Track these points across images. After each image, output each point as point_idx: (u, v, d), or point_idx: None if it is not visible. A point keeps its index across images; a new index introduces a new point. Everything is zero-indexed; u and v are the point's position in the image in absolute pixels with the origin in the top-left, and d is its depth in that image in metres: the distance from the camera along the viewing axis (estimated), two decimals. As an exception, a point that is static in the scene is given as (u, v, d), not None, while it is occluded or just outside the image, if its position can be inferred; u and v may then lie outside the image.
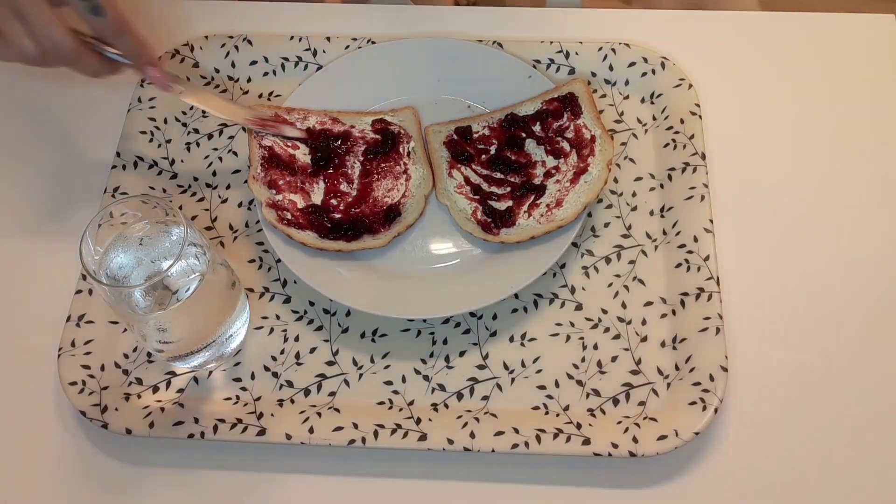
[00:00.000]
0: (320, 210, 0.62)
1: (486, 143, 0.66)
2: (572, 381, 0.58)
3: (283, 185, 0.63)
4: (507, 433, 0.55)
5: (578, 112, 0.65)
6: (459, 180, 0.64)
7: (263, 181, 0.62)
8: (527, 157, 0.64)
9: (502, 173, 0.64)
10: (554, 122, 0.65)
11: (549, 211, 0.61)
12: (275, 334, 0.60)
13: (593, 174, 0.62)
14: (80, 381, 0.57)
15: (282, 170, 0.63)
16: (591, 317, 0.60)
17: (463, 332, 0.60)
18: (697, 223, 0.62)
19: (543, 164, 0.64)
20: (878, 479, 0.55)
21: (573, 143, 0.64)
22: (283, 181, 0.63)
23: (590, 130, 0.64)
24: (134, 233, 0.54)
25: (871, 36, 0.73)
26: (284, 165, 0.64)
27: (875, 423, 0.56)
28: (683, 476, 0.55)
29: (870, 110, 0.69)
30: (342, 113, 0.67)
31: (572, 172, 0.63)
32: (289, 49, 0.72)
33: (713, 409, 0.54)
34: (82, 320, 0.60)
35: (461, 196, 0.64)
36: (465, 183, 0.64)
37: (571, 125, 0.64)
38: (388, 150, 0.66)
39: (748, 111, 0.69)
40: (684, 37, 0.73)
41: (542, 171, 0.64)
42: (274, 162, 0.63)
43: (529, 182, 0.63)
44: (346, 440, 0.55)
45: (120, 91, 0.71)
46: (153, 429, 0.56)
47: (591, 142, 0.63)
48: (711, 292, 0.59)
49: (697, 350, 0.57)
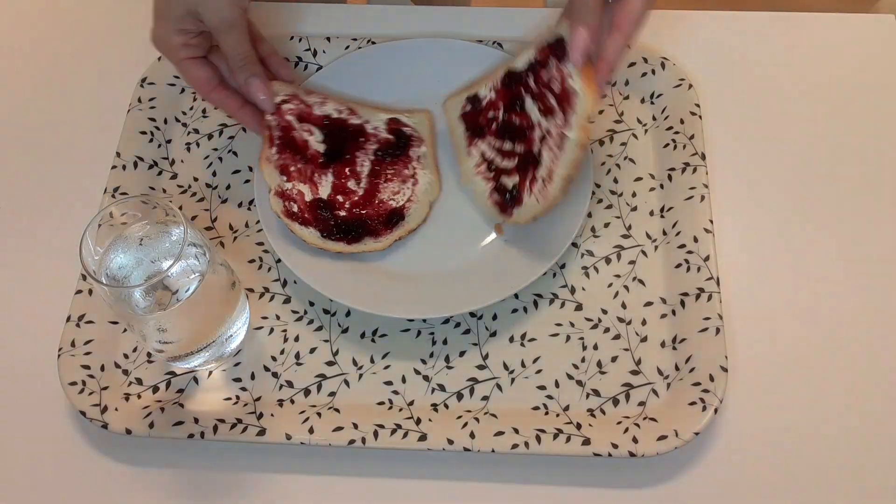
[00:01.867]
0: (326, 205, 0.62)
1: (494, 110, 0.64)
2: (572, 382, 0.58)
3: (293, 172, 0.63)
4: (507, 433, 0.55)
5: (563, 55, 0.59)
6: (477, 158, 0.64)
7: (276, 164, 0.62)
8: (527, 118, 0.62)
9: (511, 141, 0.63)
10: (544, 72, 0.61)
11: (545, 187, 0.60)
12: (275, 334, 0.60)
13: (571, 138, 0.57)
14: (80, 381, 0.57)
15: (294, 154, 0.63)
16: (591, 317, 0.60)
17: (463, 332, 0.60)
18: (697, 223, 0.62)
19: (540, 127, 0.61)
20: (879, 480, 0.55)
21: (558, 96, 0.60)
22: (295, 168, 0.63)
23: (573, 81, 0.58)
24: (134, 233, 0.54)
25: (871, 36, 0.73)
26: (297, 150, 0.63)
27: (875, 422, 0.56)
28: (683, 476, 0.55)
29: (870, 110, 0.69)
30: (359, 105, 0.67)
31: (558, 135, 0.59)
32: (289, 49, 0.72)
33: (713, 409, 0.54)
34: (82, 320, 0.60)
35: (479, 178, 0.64)
36: (481, 160, 0.64)
37: (558, 76, 0.60)
38: (399, 153, 0.65)
39: (748, 111, 0.69)
40: (684, 37, 0.73)
41: (538, 136, 0.61)
42: (288, 145, 0.63)
43: (530, 152, 0.61)
44: (346, 440, 0.55)
45: (120, 91, 0.71)
46: (153, 429, 0.56)
47: (572, 95, 0.58)
48: (711, 292, 0.59)
49: (697, 350, 0.57)
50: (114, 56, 0.74)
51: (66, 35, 0.76)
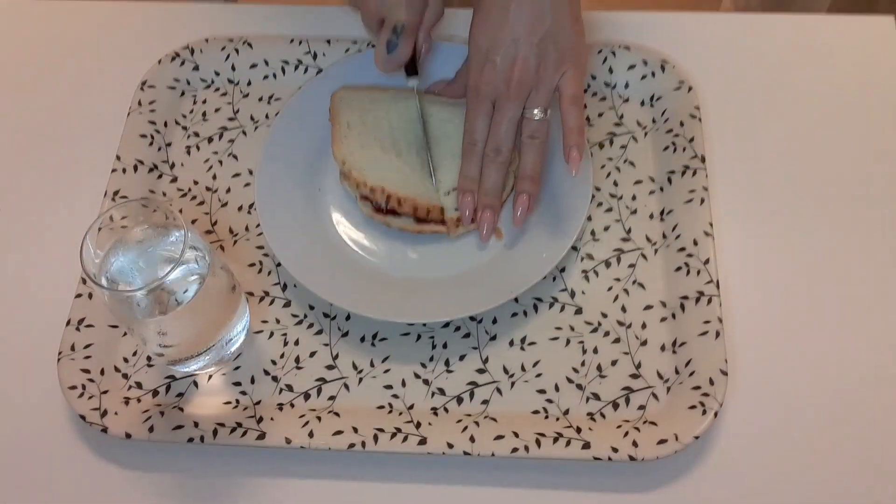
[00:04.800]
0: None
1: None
2: (572, 385, 0.58)
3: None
4: (506, 437, 0.55)
5: None
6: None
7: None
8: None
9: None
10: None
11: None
12: (275, 338, 0.60)
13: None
14: (79, 385, 0.57)
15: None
16: (590, 321, 0.60)
17: (463, 335, 0.60)
18: (697, 226, 0.62)
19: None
20: (878, 483, 0.55)
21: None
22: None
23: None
24: (134, 236, 0.54)
25: (870, 37, 0.73)
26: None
27: (875, 426, 0.56)
28: (683, 480, 0.55)
29: (870, 111, 0.69)
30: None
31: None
32: (289, 52, 0.72)
33: (713, 412, 0.54)
34: (82, 324, 0.60)
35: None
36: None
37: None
38: None
39: (748, 113, 0.69)
40: (684, 39, 0.73)
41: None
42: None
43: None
44: (345, 444, 0.55)
45: (120, 94, 0.71)
46: (153, 433, 0.56)
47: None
48: (711, 296, 0.59)
49: (697, 354, 0.57)
50: (114, 59, 0.74)
51: (66, 39, 0.76)
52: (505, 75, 0.59)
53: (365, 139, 0.64)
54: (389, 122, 0.66)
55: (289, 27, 0.75)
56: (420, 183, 0.63)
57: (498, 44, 0.59)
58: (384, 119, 0.66)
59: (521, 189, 0.60)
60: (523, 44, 0.58)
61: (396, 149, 0.64)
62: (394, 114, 0.66)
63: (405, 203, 0.61)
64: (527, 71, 0.58)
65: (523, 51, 0.58)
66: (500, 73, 0.59)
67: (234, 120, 0.70)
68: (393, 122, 0.66)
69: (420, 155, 0.65)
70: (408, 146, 0.65)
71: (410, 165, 0.64)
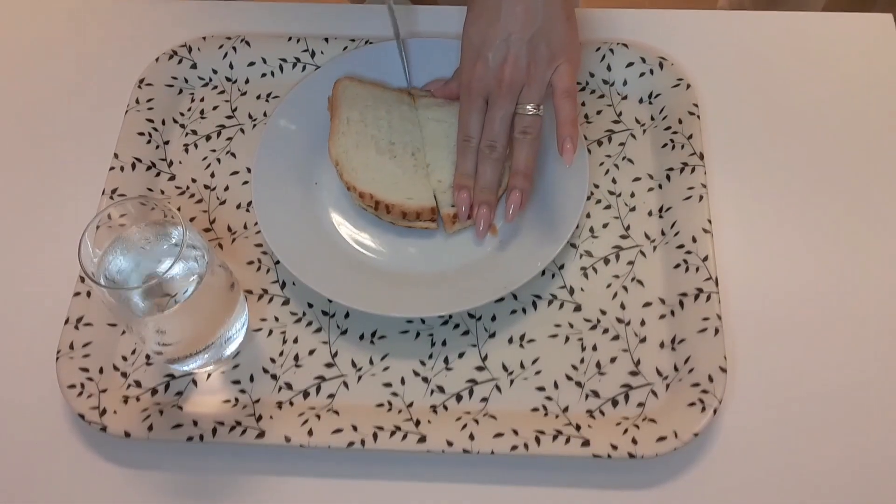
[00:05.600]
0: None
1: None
2: (571, 383, 0.58)
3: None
4: (506, 435, 0.55)
5: None
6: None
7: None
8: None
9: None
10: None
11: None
12: (273, 336, 0.60)
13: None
14: (78, 383, 0.57)
15: None
16: (589, 318, 0.60)
17: (462, 333, 0.60)
18: (696, 223, 0.62)
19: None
20: (877, 480, 0.55)
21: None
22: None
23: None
24: (132, 235, 0.54)
25: (869, 35, 0.73)
26: None
27: (874, 423, 0.56)
28: (683, 477, 0.55)
29: (868, 110, 0.69)
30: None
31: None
32: (287, 50, 0.72)
33: (712, 410, 0.54)
34: (81, 322, 0.59)
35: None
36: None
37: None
38: None
39: (747, 111, 0.69)
40: (682, 36, 0.73)
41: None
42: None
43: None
44: (345, 442, 0.55)
45: (117, 92, 0.71)
46: (152, 431, 0.55)
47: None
48: (710, 293, 0.59)
49: (696, 351, 0.57)
50: (111, 57, 0.74)
51: (63, 36, 0.76)
52: (497, 72, 0.59)
53: (361, 138, 0.64)
54: (389, 121, 0.66)
55: (287, 25, 0.75)
56: (412, 186, 0.63)
57: (490, 41, 0.59)
58: (384, 119, 0.66)
59: (513, 185, 0.60)
60: (515, 41, 0.59)
61: (392, 150, 0.64)
62: (395, 114, 0.66)
63: (394, 209, 0.62)
64: (518, 67, 0.59)
65: (515, 47, 0.59)
66: (491, 70, 0.59)
67: (232, 118, 0.70)
68: (393, 122, 0.66)
69: (416, 156, 0.65)
70: (404, 147, 0.65)
71: (403, 168, 0.64)
